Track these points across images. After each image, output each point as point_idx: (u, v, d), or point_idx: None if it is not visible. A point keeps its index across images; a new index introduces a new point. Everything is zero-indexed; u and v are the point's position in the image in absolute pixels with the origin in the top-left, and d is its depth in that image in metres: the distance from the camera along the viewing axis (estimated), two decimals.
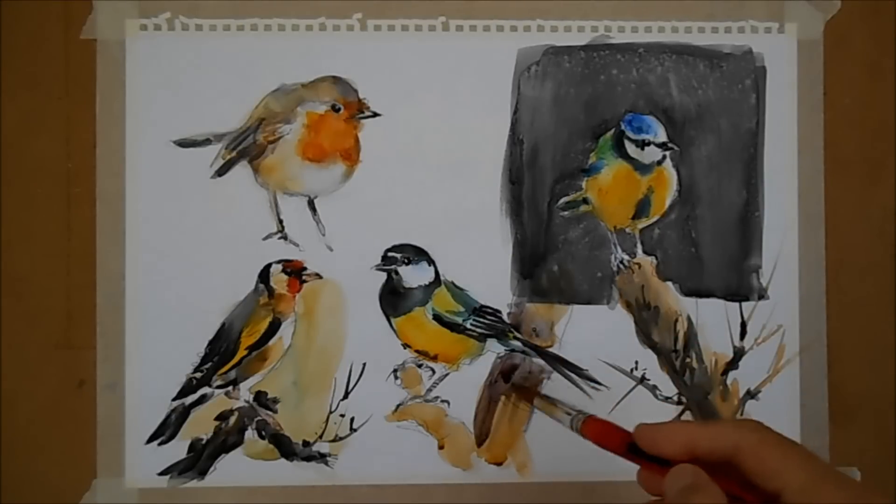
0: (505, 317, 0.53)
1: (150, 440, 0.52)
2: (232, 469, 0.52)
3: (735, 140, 0.53)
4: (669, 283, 0.53)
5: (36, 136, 0.52)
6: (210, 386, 0.52)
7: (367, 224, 0.52)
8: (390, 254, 0.52)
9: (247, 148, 0.52)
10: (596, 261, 0.53)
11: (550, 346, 0.53)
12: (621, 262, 0.53)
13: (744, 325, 0.53)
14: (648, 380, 0.53)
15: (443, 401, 0.53)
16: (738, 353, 0.53)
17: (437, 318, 0.52)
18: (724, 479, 0.32)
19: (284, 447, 0.52)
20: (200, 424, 0.52)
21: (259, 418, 0.52)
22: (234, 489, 0.52)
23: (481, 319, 0.52)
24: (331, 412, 0.52)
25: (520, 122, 0.53)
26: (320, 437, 0.52)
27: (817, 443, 0.53)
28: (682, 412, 0.53)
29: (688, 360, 0.53)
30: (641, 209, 0.53)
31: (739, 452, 0.32)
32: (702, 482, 0.32)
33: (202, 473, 0.52)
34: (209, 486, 0.52)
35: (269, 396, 0.52)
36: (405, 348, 0.52)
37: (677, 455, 0.33)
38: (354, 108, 0.52)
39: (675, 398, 0.53)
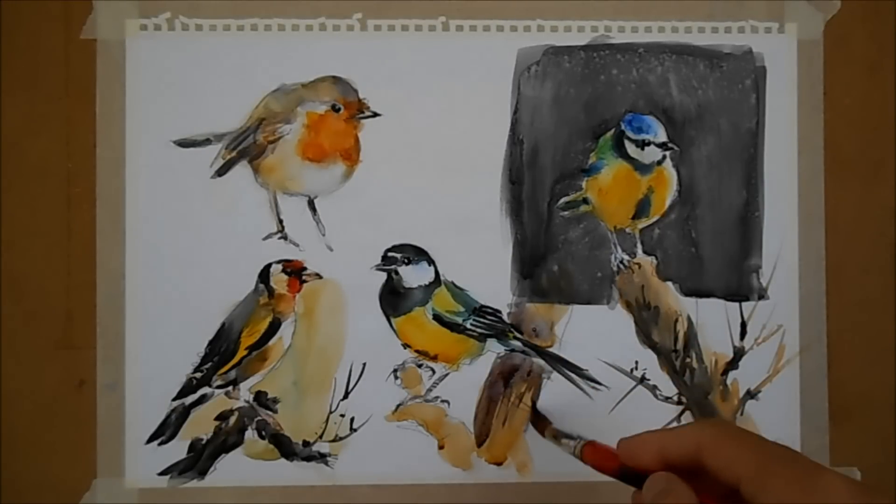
0: (505, 317, 0.53)
1: (150, 440, 0.52)
2: (232, 469, 0.52)
3: (735, 140, 0.53)
4: (669, 283, 0.53)
5: (36, 136, 0.52)
6: (210, 386, 0.52)
7: (367, 224, 0.52)
8: (390, 254, 0.52)
9: (247, 148, 0.52)
10: (596, 261, 0.53)
11: (550, 346, 0.53)
12: (621, 262, 0.53)
13: (744, 325, 0.53)
14: (648, 380, 0.53)
15: (443, 401, 0.53)
16: (738, 353, 0.53)
17: (437, 318, 0.52)
18: (707, 494, 0.33)
19: (284, 447, 0.52)
20: (200, 424, 0.52)
21: (259, 418, 0.52)
22: (234, 489, 0.52)
23: (481, 319, 0.52)
24: (331, 412, 0.52)
25: (520, 122, 0.53)
26: (320, 437, 0.52)
27: (817, 443, 0.53)
28: (682, 412, 0.53)
29: (688, 360, 0.53)
30: (641, 209, 0.53)
31: (701, 451, 0.33)
32: (673, 485, 0.32)
33: (202, 473, 0.52)
34: (209, 486, 0.52)
35: (269, 396, 0.52)
36: (405, 348, 0.52)
37: (654, 464, 0.34)
38: (354, 108, 0.52)
39: (675, 398, 0.53)
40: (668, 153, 0.53)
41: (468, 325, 0.52)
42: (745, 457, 0.31)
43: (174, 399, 0.52)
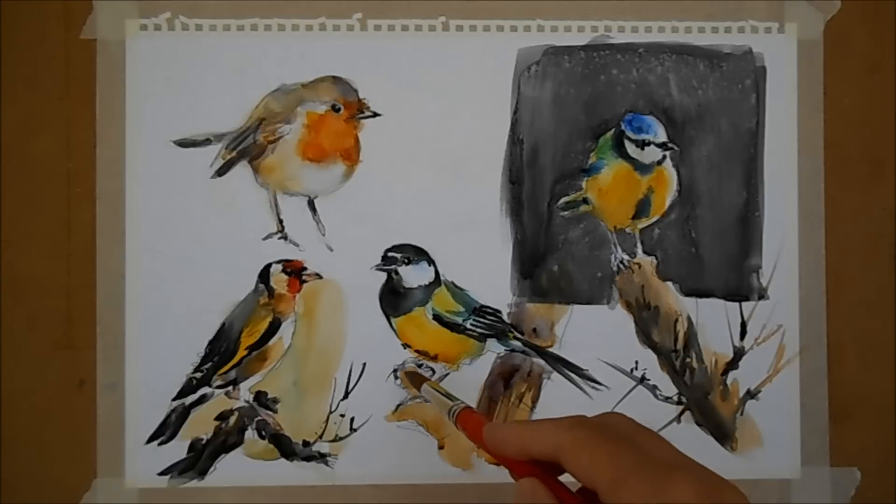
0: (505, 317, 0.53)
1: (150, 440, 0.52)
2: (232, 469, 0.52)
3: (735, 140, 0.53)
4: (669, 283, 0.53)
5: (36, 136, 0.52)
6: (210, 386, 0.52)
7: (367, 224, 0.52)
8: (390, 254, 0.52)
9: (247, 148, 0.52)
10: (596, 261, 0.53)
11: (550, 346, 0.53)
12: (621, 262, 0.53)
13: (744, 325, 0.53)
14: (648, 380, 0.53)
15: None
16: (738, 353, 0.53)
17: (437, 318, 0.52)
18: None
19: (284, 447, 0.52)
20: (200, 424, 0.52)
21: (259, 418, 0.52)
22: (234, 489, 0.52)
23: (481, 319, 0.52)
24: (331, 412, 0.52)
25: (520, 122, 0.53)
26: (320, 437, 0.52)
27: (817, 442, 0.53)
28: (682, 412, 0.53)
29: (688, 360, 0.53)
30: (641, 209, 0.53)
31: (559, 454, 0.32)
32: (537, 494, 0.32)
33: (202, 473, 0.52)
34: (209, 486, 0.52)
35: (269, 396, 0.52)
36: (405, 348, 0.52)
37: (518, 456, 0.34)
38: (354, 108, 0.52)
39: (675, 398, 0.53)
40: (668, 153, 0.53)
41: (468, 325, 0.52)
42: (600, 467, 0.30)
43: (174, 399, 0.52)
